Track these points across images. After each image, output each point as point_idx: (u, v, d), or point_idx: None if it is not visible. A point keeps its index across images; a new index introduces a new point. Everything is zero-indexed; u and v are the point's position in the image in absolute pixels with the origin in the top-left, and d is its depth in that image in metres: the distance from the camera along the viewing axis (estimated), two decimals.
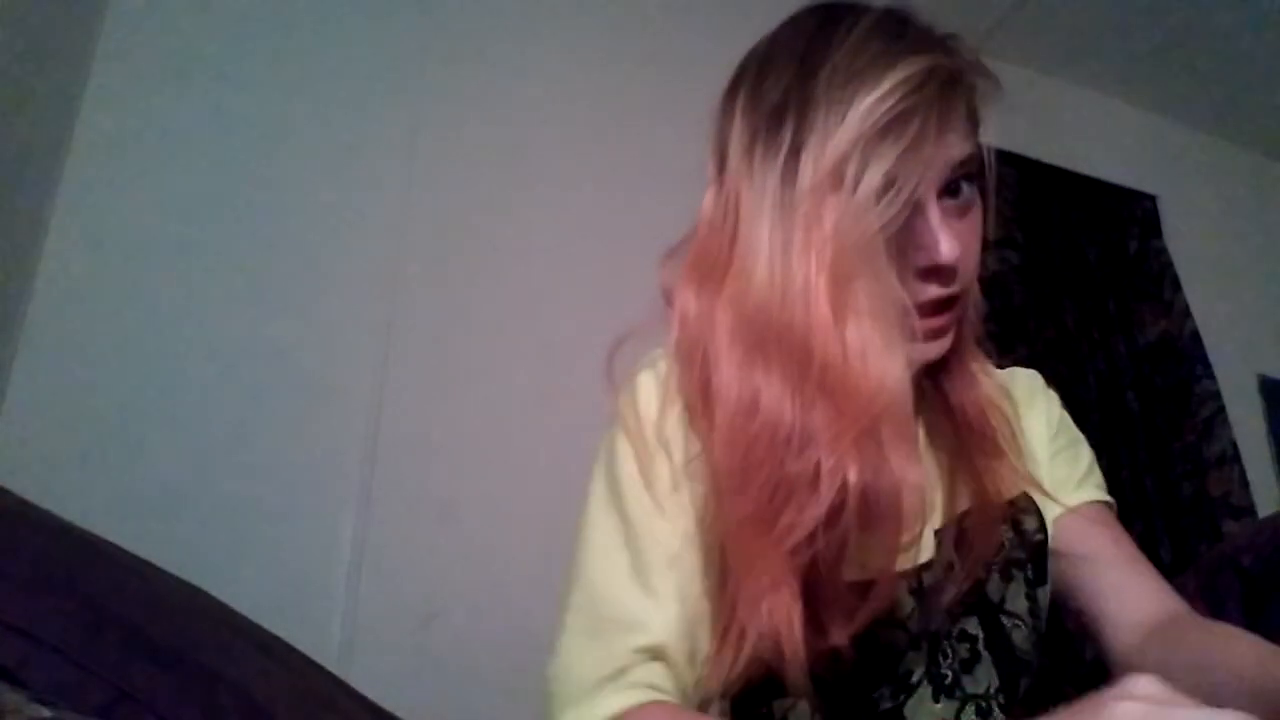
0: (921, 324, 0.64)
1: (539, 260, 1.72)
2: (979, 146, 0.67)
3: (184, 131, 1.54)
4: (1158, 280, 2.40)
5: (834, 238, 0.60)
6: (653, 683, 0.61)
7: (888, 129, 0.60)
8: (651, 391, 0.69)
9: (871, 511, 0.59)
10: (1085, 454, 0.80)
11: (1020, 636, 0.68)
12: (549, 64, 1.89)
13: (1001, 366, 0.84)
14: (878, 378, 0.59)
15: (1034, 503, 0.73)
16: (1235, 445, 2.23)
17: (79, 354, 1.37)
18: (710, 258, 0.67)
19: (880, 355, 0.60)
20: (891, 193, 0.60)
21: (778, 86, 0.66)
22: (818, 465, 0.58)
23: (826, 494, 0.58)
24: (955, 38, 0.69)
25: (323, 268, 1.58)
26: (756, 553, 0.60)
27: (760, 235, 0.63)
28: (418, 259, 1.65)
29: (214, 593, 0.73)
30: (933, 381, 0.73)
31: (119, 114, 1.50)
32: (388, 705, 0.80)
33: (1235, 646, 0.62)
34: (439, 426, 1.56)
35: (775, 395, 0.61)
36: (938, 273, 0.64)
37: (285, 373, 1.49)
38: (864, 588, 0.61)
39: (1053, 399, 0.83)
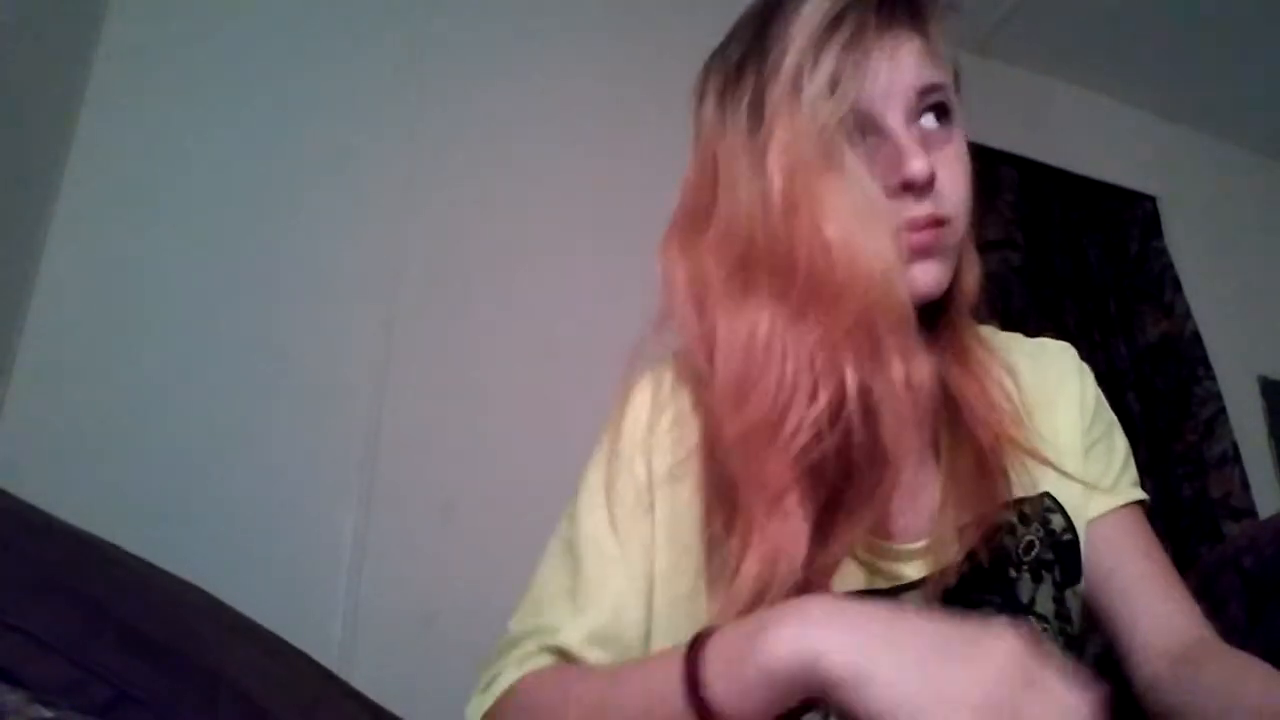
0: (904, 238, 0.64)
1: (539, 260, 1.72)
2: (949, 85, 0.69)
3: (184, 132, 1.54)
4: (1158, 281, 2.40)
5: (794, 140, 0.62)
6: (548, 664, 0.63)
7: (829, 30, 0.64)
8: (645, 400, 0.70)
9: (874, 408, 0.58)
10: (1120, 445, 0.77)
11: (1047, 640, 0.66)
12: (549, 64, 1.89)
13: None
14: (865, 267, 0.60)
15: (1058, 502, 0.71)
16: (1236, 446, 2.23)
17: (79, 355, 1.37)
18: (694, 214, 0.68)
19: (864, 244, 0.60)
20: (840, 90, 0.63)
21: (739, 48, 0.70)
22: (813, 365, 0.59)
23: (824, 392, 0.58)
24: None
25: (323, 268, 1.58)
26: (765, 459, 0.59)
27: (738, 169, 0.65)
28: (418, 259, 1.65)
29: (214, 593, 0.73)
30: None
31: (119, 115, 1.50)
32: (388, 705, 0.80)
33: (1254, 681, 0.61)
34: (439, 426, 1.56)
35: (768, 317, 0.61)
36: (911, 188, 0.64)
37: (285, 373, 1.49)
38: (874, 488, 0.60)
39: (1087, 378, 0.79)
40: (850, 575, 0.65)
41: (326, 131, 1.65)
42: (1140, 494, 0.76)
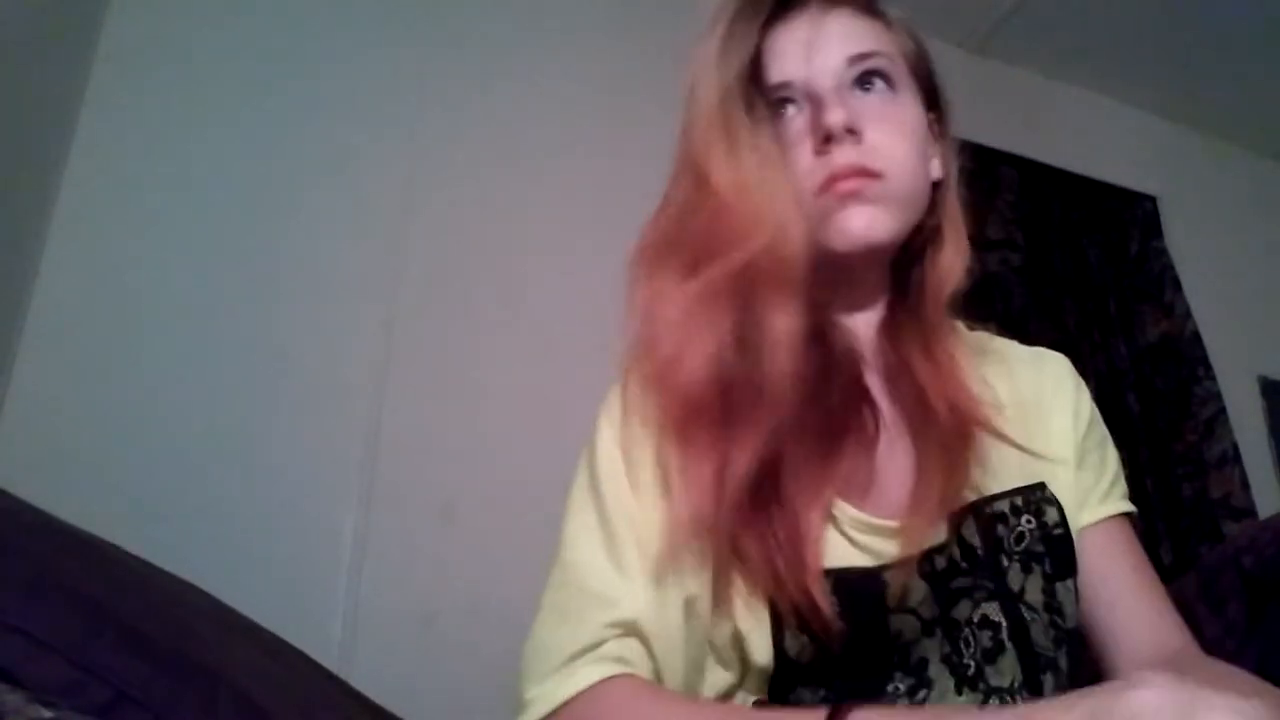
0: (833, 189, 0.69)
1: (539, 260, 1.72)
2: (888, 54, 0.74)
3: (184, 133, 1.54)
4: (1158, 281, 2.40)
5: (700, 117, 0.69)
6: (625, 657, 0.62)
7: (723, 10, 0.72)
8: (640, 382, 0.72)
9: (751, 352, 0.64)
10: (1112, 458, 0.79)
11: (1038, 630, 0.67)
12: (549, 64, 1.89)
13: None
14: (756, 225, 0.65)
15: (1054, 496, 0.72)
16: (1236, 446, 2.23)
17: (79, 355, 1.37)
18: (655, 211, 0.75)
19: (758, 204, 0.65)
20: (727, 58, 0.69)
21: None
22: (699, 315, 0.65)
23: (709, 337, 0.64)
24: None
25: (323, 268, 1.58)
26: (669, 393, 0.66)
27: (677, 159, 0.72)
28: (418, 260, 1.65)
29: (214, 593, 0.73)
30: (898, 355, 0.73)
31: (119, 115, 1.50)
32: (388, 705, 0.80)
33: (1235, 686, 0.62)
34: (439, 426, 1.56)
35: (668, 280, 0.67)
36: (831, 140, 0.69)
37: (286, 373, 1.49)
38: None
39: (1083, 391, 0.80)
40: (839, 550, 0.66)
41: (326, 131, 1.65)
42: (1130, 506, 0.77)
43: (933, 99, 0.79)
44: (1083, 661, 0.71)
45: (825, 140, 0.69)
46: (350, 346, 1.56)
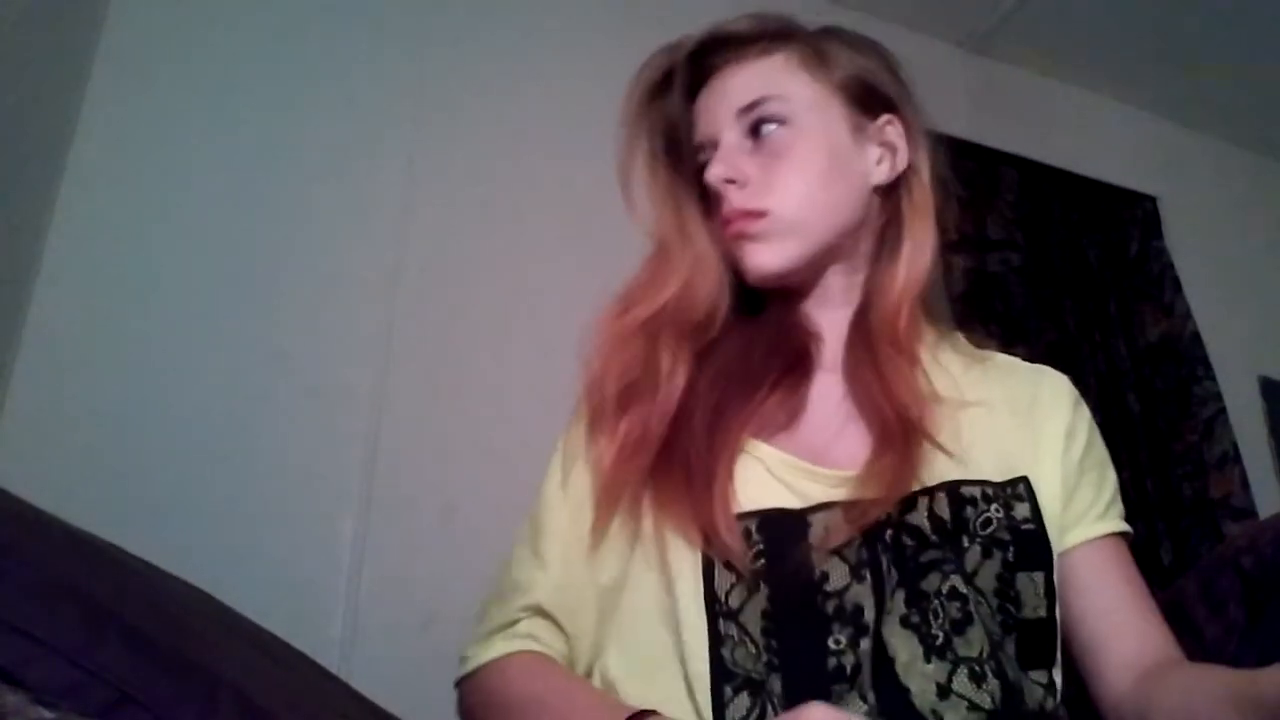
0: (729, 233, 0.78)
1: (539, 262, 1.72)
2: (778, 96, 0.79)
3: (185, 133, 1.54)
4: (1158, 281, 2.39)
5: (628, 171, 0.85)
6: (535, 634, 0.75)
7: (634, 77, 0.87)
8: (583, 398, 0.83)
9: (639, 377, 0.75)
10: (1110, 479, 0.80)
11: (985, 614, 0.68)
12: (549, 65, 1.89)
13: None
14: (669, 266, 0.78)
15: (1031, 492, 0.73)
16: (1236, 446, 2.23)
17: (79, 356, 1.37)
18: None
19: (672, 245, 0.79)
20: (638, 124, 0.86)
21: None
22: (624, 346, 0.77)
23: (622, 359, 0.76)
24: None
25: (324, 269, 1.58)
26: (603, 380, 0.78)
27: None
28: (418, 261, 1.65)
29: (215, 594, 0.73)
30: (855, 357, 0.79)
31: (119, 115, 1.50)
32: (388, 706, 0.80)
33: (1213, 680, 0.65)
34: (439, 427, 1.56)
35: (618, 313, 0.79)
36: (719, 191, 0.78)
37: (286, 374, 1.49)
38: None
39: (1081, 410, 0.82)
40: (768, 490, 0.71)
41: (326, 131, 1.65)
42: (1125, 526, 0.79)
43: (881, 105, 0.82)
44: (1051, 657, 0.72)
45: (713, 194, 0.78)
46: (350, 347, 1.56)
